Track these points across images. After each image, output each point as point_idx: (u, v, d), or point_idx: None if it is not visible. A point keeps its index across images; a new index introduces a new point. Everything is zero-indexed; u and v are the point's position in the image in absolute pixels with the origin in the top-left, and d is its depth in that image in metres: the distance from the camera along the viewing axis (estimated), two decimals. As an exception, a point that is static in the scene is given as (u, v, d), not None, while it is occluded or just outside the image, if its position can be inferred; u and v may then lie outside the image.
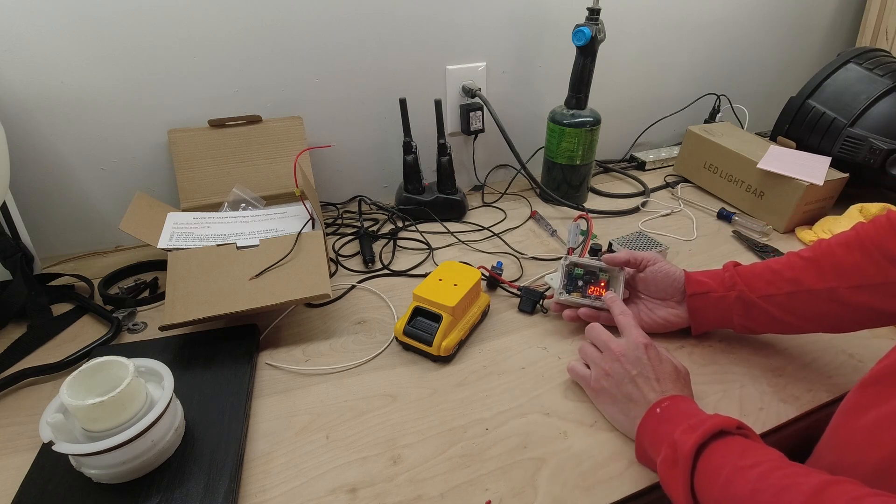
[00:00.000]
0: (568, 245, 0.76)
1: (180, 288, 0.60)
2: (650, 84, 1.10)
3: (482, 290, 0.68)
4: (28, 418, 0.52)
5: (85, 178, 0.76)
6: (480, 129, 0.95)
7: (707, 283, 0.59)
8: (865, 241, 0.52)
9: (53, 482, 0.44)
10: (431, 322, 0.59)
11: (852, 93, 0.89)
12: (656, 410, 0.47)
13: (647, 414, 0.47)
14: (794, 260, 0.56)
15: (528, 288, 0.69)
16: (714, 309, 0.59)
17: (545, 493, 0.46)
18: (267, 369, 0.59)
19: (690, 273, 0.61)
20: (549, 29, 0.93)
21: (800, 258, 0.56)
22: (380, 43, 0.83)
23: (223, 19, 0.73)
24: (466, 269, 0.65)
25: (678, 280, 0.61)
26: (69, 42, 0.67)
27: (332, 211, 0.91)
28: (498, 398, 0.56)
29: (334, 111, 0.86)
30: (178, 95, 0.75)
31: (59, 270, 0.74)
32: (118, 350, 0.59)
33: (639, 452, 0.48)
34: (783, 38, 1.20)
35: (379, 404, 0.55)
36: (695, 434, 0.41)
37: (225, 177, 0.78)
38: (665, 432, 0.44)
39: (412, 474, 0.48)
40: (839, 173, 0.86)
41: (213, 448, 0.47)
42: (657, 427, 0.46)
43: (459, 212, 0.91)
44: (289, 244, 0.66)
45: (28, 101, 0.69)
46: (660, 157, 1.11)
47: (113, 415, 0.42)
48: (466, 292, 0.61)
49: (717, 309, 0.59)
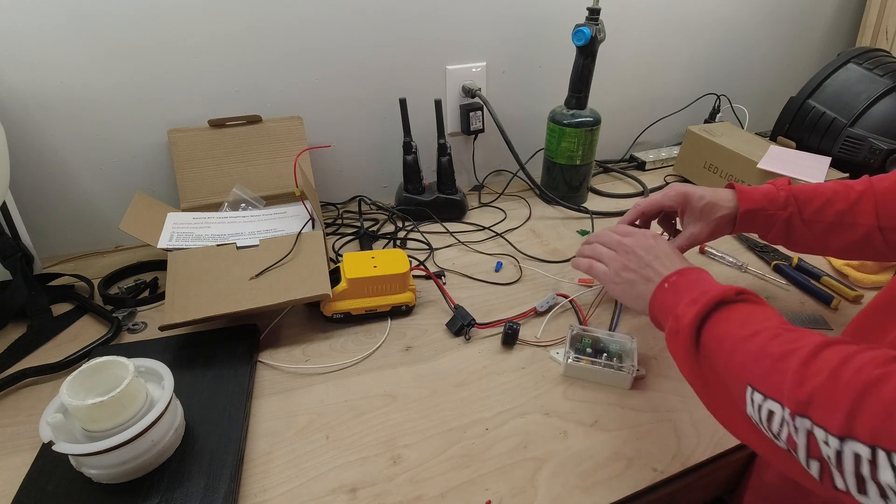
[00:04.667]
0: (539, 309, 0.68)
1: (180, 288, 0.60)
2: (650, 84, 1.10)
3: (409, 287, 0.67)
4: (28, 418, 0.52)
5: (85, 178, 0.76)
6: (480, 129, 0.95)
7: (760, 201, 0.60)
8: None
9: (53, 482, 0.44)
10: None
11: (852, 93, 0.89)
12: (664, 285, 0.48)
13: (657, 289, 0.49)
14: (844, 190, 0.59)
15: (462, 308, 0.66)
16: (757, 224, 0.61)
17: (545, 493, 0.46)
18: (267, 369, 0.59)
19: (741, 187, 0.62)
20: (549, 29, 0.93)
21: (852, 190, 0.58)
22: (380, 43, 0.83)
23: (223, 19, 0.73)
24: (399, 262, 0.66)
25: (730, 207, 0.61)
26: (69, 42, 0.67)
27: (332, 211, 0.91)
28: (498, 398, 0.56)
29: (334, 111, 0.86)
30: (178, 95, 0.75)
31: (59, 270, 0.74)
32: (118, 350, 0.59)
33: (653, 321, 0.50)
34: (783, 38, 1.20)
35: (379, 404, 0.55)
36: (696, 307, 0.42)
37: (225, 177, 0.78)
38: (670, 304, 0.45)
39: (412, 474, 0.48)
40: (839, 173, 0.86)
41: (213, 448, 0.47)
42: (664, 300, 0.47)
43: (459, 212, 0.91)
44: (289, 244, 0.66)
45: (28, 101, 0.69)
46: (660, 157, 1.11)
47: (113, 415, 0.42)
48: (374, 276, 0.63)
49: (761, 225, 0.61)
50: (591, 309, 0.69)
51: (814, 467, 0.30)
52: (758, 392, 0.34)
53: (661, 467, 0.49)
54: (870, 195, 0.57)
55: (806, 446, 0.30)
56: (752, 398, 0.35)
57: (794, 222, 0.59)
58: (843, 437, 0.28)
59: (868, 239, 0.57)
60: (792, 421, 0.31)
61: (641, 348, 0.60)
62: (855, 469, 0.28)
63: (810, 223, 0.59)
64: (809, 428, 0.30)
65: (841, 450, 0.28)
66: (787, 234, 0.61)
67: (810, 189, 0.60)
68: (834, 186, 0.60)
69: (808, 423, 0.30)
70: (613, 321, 0.66)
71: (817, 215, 0.59)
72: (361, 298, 0.65)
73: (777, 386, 0.33)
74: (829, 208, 0.58)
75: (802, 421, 0.31)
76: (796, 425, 0.31)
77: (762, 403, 0.34)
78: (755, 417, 0.35)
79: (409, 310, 0.68)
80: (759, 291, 0.72)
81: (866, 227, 0.56)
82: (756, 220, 0.61)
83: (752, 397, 0.35)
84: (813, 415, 0.30)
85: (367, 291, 0.65)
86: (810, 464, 0.31)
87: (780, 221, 0.60)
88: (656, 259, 0.52)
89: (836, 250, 0.60)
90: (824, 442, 0.29)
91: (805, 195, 0.60)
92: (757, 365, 0.35)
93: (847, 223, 0.57)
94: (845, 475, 0.28)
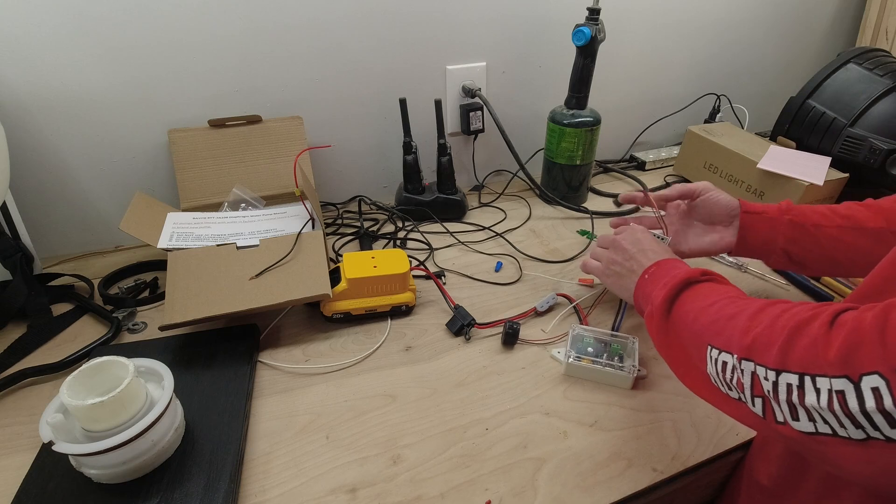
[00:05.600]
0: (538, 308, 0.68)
1: (180, 288, 0.60)
2: (650, 84, 1.10)
3: (409, 287, 0.67)
4: (28, 418, 0.52)
5: (85, 178, 0.76)
6: (480, 129, 0.95)
7: (761, 206, 0.63)
8: None
9: (53, 482, 0.44)
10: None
11: (852, 93, 0.89)
12: (644, 276, 0.53)
13: (639, 280, 0.54)
14: (848, 202, 0.60)
15: (462, 308, 0.66)
16: (763, 228, 0.62)
17: (545, 493, 0.46)
18: (267, 369, 0.59)
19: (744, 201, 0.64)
20: (549, 29, 0.93)
21: (855, 203, 0.60)
22: (380, 43, 0.83)
23: (223, 19, 0.73)
24: (399, 262, 0.66)
25: (731, 204, 0.64)
26: (69, 42, 0.67)
27: (332, 211, 0.91)
28: (498, 398, 0.56)
29: (334, 111, 0.86)
30: (179, 95, 0.75)
31: (59, 270, 0.74)
32: (118, 350, 0.59)
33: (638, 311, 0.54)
34: (783, 38, 1.20)
35: (379, 404, 0.55)
36: (665, 289, 0.47)
37: (225, 177, 0.78)
38: (648, 292, 0.51)
39: (412, 474, 0.48)
40: (839, 173, 0.86)
41: (213, 448, 0.47)
42: (643, 289, 0.52)
43: (459, 212, 0.91)
44: (289, 244, 0.66)
45: (28, 101, 0.69)
46: (660, 157, 1.11)
47: (113, 415, 0.42)
48: (374, 276, 0.63)
49: (767, 229, 0.62)
50: (591, 309, 0.69)
51: (758, 405, 0.34)
52: (714, 348, 0.38)
53: (661, 467, 0.49)
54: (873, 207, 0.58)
55: (750, 386, 0.34)
56: (710, 355, 0.39)
57: (803, 223, 0.60)
58: (777, 370, 0.32)
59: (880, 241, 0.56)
60: (739, 365, 0.35)
61: (642, 348, 0.60)
62: (787, 397, 0.32)
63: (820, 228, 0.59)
64: (753, 369, 0.34)
65: (777, 381, 0.32)
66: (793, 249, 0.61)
67: (808, 206, 0.62)
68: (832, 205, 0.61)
69: (751, 366, 0.34)
70: (617, 321, 0.66)
71: (824, 220, 0.59)
72: (361, 298, 0.65)
73: (728, 339, 0.37)
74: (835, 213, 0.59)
75: (747, 364, 0.35)
76: (742, 368, 0.35)
77: (717, 357, 0.38)
78: (713, 373, 0.38)
79: (409, 310, 0.68)
80: (759, 292, 0.73)
81: (876, 231, 0.56)
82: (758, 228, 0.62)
83: (710, 354, 0.39)
84: (755, 356, 0.34)
85: (367, 291, 0.65)
86: (755, 402, 0.34)
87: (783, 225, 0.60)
88: (640, 252, 0.56)
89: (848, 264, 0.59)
90: (764, 378, 0.33)
91: (804, 208, 0.61)
92: (714, 326, 0.40)
93: (854, 228, 0.57)
94: (780, 404, 0.32)
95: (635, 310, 0.55)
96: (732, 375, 0.36)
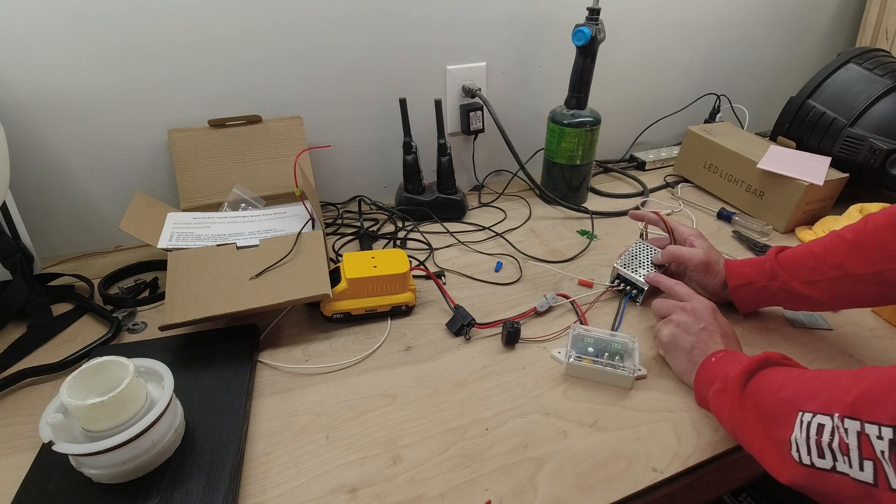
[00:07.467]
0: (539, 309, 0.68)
1: (180, 288, 0.60)
2: (650, 84, 1.10)
3: (409, 287, 0.67)
4: (28, 418, 0.52)
5: (85, 178, 0.76)
6: (480, 129, 0.95)
7: (749, 275, 0.62)
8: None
9: (53, 482, 0.44)
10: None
11: (852, 93, 0.89)
12: (712, 359, 0.53)
13: (705, 361, 0.53)
14: (836, 242, 0.57)
15: (462, 308, 0.66)
16: (757, 297, 0.63)
17: (545, 493, 0.46)
18: (267, 369, 0.59)
19: (731, 263, 0.64)
20: (549, 29, 0.93)
21: (843, 240, 0.57)
22: (380, 43, 0.83)
23: (223, 19, 0.73)
24: (399, 262, 0.66)
25: (719, 274, 0.64)
26: (69, 42, 0.67)
27: (332, 211, 0.91)
28: (498, 398, 0.56)
29: (334, 111, 0.86)
30: (179, 95, 0.75)
31: (59, 270, 0.74)
32: (118, 350, 0.59)
33: (696, 396, 0.54)
34: (783, 39, 1.20)
35: (379, 404, 0.55)
36: (742, 365, 0.46)
37: (225, 177, 0.78)
38: (718, 373, 0.50)
39: (412, 474, 0.48)
40: (839, 173, 0.86)
41: (213, 448, 0.47)
42: (712, 370, 0.52)
43: (459, 212, 0.91)
44: (289, 244, 0.66)
45: (28, 101, 0.69)
46: (660, 157, 1.11)
47: (113, 415, 0.42)
48: (374, 276, 0.63)
49: (761, 297, 0.62)
50: (590, 308, 0.69)
51: (867, 469, 0.31)
52: (807, 412, 0.36)
53: (661, 467, 0.49)
54: (866, 236, 0.55)
55: (858, 447, 0.31)
56: (801, 419, 0.36)
57: (796, 288, 0.59)
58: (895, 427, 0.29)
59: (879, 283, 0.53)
60: (842, 424, 0.32)
61: (642, 349, 0.60)
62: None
63: (813, 284, 0.58)
64: (859, 428, 0.31)
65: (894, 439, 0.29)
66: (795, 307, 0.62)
67: (798, 252, 0.60)
68: (823, 241, 0.59)
69: (857, 425, 0.31)
70: (616, 321, 0.66)
71: (814, 274, 0.58)
72: (361, 298, 0.65)
73: (827, 400, 0.35)
74: (824, 265, 0.57)
75: (852, 423, 0.32)
76: (846, 427, 0.32)
77: (811, 420, 0.35)
78: (800, 439, 0.36)
79: (409, 310, 0.68)
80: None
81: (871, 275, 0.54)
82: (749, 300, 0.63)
83: (800, 419, 0.37)
84: (861, 413, 0.31)
85: (367, 291, 0.64)
86: (864, 466, 0.31)
87: (775, 292, 0.60)
88: (707, 331, 0.56)
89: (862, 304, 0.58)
90: (877, 437, 0.30)
91: (792, 260, 0.60)
92: (806, 391, 0.38)
93: (848, 276, 0.55)
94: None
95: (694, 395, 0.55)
96: (832, 438, 0.33)
